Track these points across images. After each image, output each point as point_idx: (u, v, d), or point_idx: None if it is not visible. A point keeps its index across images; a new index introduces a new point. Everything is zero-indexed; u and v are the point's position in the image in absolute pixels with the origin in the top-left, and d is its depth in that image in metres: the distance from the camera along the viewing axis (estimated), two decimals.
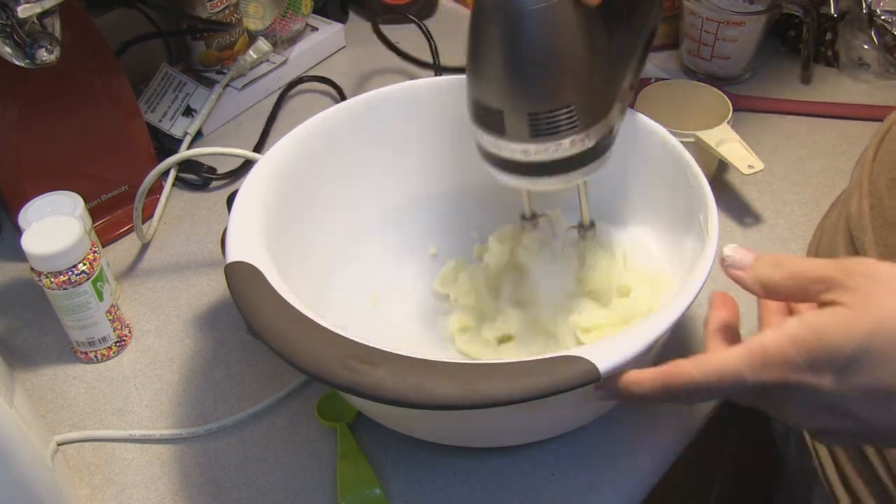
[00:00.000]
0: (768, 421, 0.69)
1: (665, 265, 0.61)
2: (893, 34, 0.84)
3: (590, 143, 0.50)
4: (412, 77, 0.90)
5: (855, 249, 0.53)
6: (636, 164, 0.61)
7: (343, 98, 0.88)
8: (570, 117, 0.48)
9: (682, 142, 0.57)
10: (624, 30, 0.52)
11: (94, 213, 0.71)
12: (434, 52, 0.90)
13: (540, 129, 0.48)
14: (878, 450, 0.51)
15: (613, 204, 0.64)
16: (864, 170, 0.54)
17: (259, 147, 0.84)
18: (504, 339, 0.62)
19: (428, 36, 0.90)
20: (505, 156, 0.51)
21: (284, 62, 0.91)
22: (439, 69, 0.89)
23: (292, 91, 0.90)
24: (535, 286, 0.63)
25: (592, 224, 0.60)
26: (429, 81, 0.64)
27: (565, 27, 0.47)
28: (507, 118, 0.49)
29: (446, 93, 0.63)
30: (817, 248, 0.61)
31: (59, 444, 0.59)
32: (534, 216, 0.62)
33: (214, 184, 0.80)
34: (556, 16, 0.46)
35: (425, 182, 0.67)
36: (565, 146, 0.49)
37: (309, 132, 0.60)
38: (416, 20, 0.92)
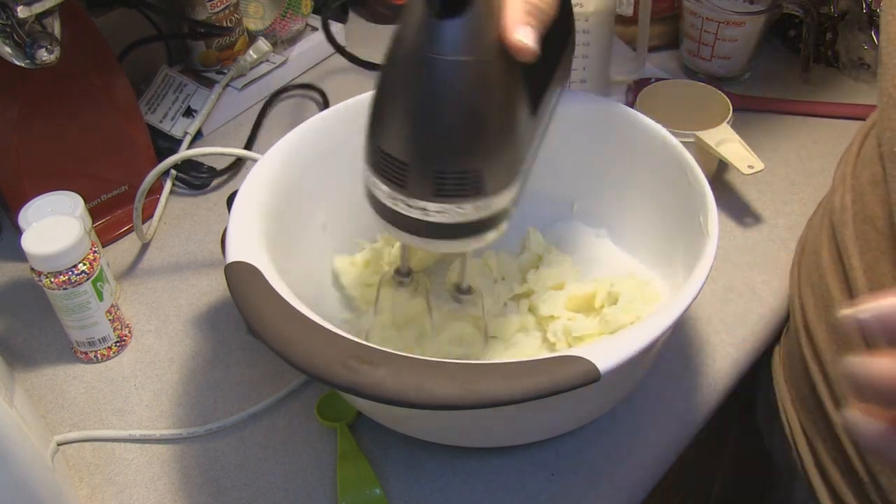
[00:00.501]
0: (756, 414, 0.69)
1: (659, 268, 0.61)
2: None
3: (493, 210, 0.46)
4: None
5: (836, 243, 0.53)
6: (636, 164, 0.61)
7: (326, 103, 0.88)
8: (477, 180, 0.44)
9: (682, 142, 0.57)
10: (544, 89, 0.49)
11: (94, 213, 0.71)
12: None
13: (445, 189, 0.44)
14: (856, 445, 0.51)
15: (613, 204, 0.64)
16: (847, 165, 0.55)
17: (248, 147, 0.83)
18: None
19: None
20: (400, 211, 0.45)
21: (284, 62, 0.91)
22: None
23: (285, 95, 0.90)
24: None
25: (470, 290, 0.56)
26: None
27: (488, 85, 0.43)
28: (410, 171, 0.44)
29: None
30: (804, 245, 0.62)
31: (59, 444, 0.59)
32: (409, 272, 0.57)
33: (214, 184, 0.80)
34: (480, 71, 0.42)
35: None
36: (468, 210, 0.45)
37: (309, 132, 0.60)
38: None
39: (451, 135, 0.43)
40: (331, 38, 0.90)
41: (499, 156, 0.44)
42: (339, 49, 0.91)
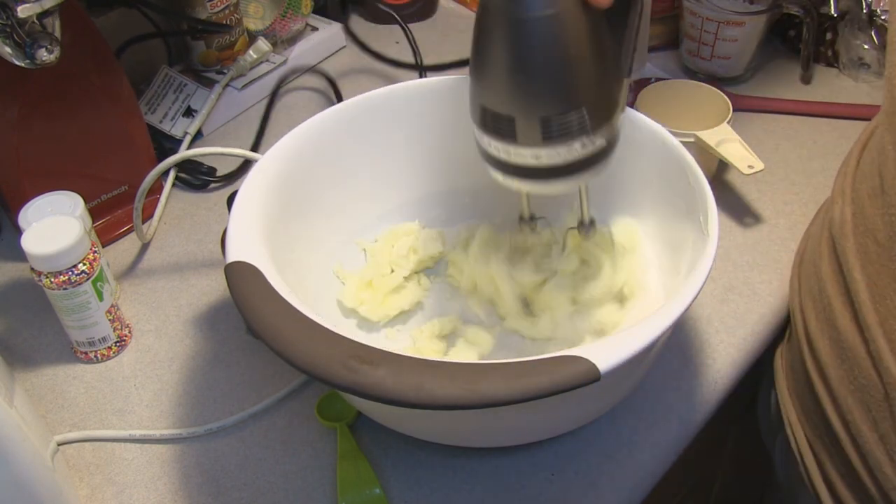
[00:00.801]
0: (756, 421, 0.69)
1: (659, 268, 0.61)
2: None
3: (599, 145, 0.50)
4: (412, 77, 0.90)
5: (837, 255, 0.53)
6: (636, 163, 0.60)
7: (339, 95, 0.88)
8: (580, 120, 0.48)
9: (682, 142, 0.57)
10: (623, 27, 0.52)
11: (94, 213, 0.71)
12: (416, 54, 0.91)
13: (552, 134, 0.48)
14: (862, 456, 0.51)
15: (612, 204, 0.64)
16: (846, 177, 0.54)
17: (255, 147, 0.84)
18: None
19: (410, 38, 0.92)
20: (515, 161, 0.50)
21: (284, 62, 0.91)
22: (422, 70, 0.90)
23: (288, 89, 0.90)
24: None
25: (593, 222, 0.60)
26: (427, 81, 0.64)
27: (574, 32, 0.47)
28: (518, 124, 0.48)
29: (445, 92, 0.62)
30: (803, 255, 0.61)
31: (59, 444, 0.59)
32: (532, 218, 0.62)
33: (214, 184, 0.80)
34: (564, 22, 0.46)
35: (425, 182, 0.67)
36: (576, 149, 0.49)
37: (309, 132, 0.60)
38: (401, 21, 0.92)
39: (548, 84, 0.48)
40: (351, 35, 0.90)
41: (593, 94, 0.49)
42: (364, 47, 0.91)
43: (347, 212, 0.64)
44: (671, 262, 0.59)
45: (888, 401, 0.48)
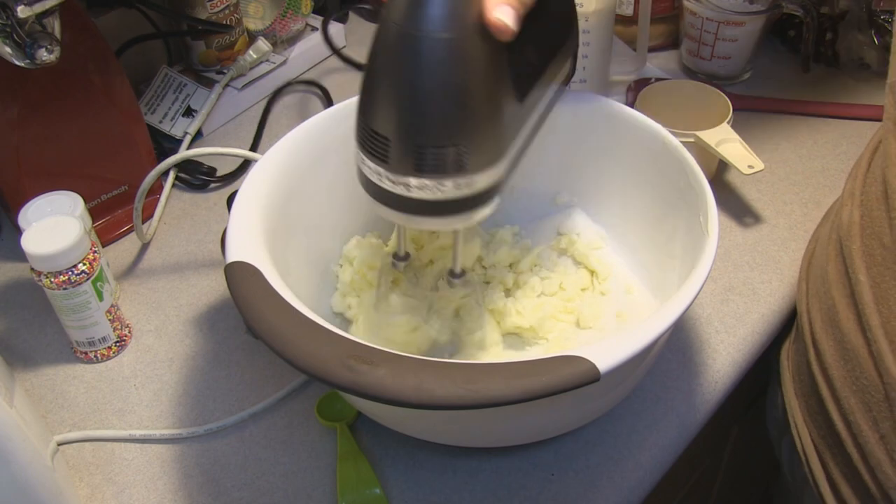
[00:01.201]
0: (765, 422, 0.69)
1: (659, 268, 0.61)
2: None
3: (474, 189, 0.46)
4: None
5: (843, 258, 0.53)
6: (636, 163, 0.61)
7: (330, 101, 0.88)
8: (458, 157, 0.45)
9: (682, 142, 0.57)
10: (534, 78, 0.50)
11: (94, 213, 0.71)
12: None
13: (425, 165, 0.45)
14: (863, 456, 0.51)
15: (613, 203, 0.64)
16: (856, 180, 0.55)
17: (254, 147, 0.84)
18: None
19: None
20: (385, 187, 0.47)
21: (284, 62, 0.91)
22: None
23: (288, 89, 0.90)
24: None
25: (463, 273, 0.56)
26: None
27: (472, 62, 0.43)
28: (392, 147, 0.45)
29: None
30: (811, 257, 0.62)
31: (59, 444, 0.59)
32: (406, 256, 0.57)
33: (214, 184, 0.80)
34: (463, 48, 0.43)
35: None
36: (448, 187, 0.46)
37: (309, 132, 0.60)
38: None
39: (430, 109, 0.44)
40: (328, 40, 0.90)
41: (478, 134, 0.45)
42: (335, 51, 0.91)
43: (348, 211, 0.64)
44: (671, 262, 0.59)
45: (888, 401, 0.48)
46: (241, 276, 0.48)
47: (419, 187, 0.46)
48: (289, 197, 0.57)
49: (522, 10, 0.44)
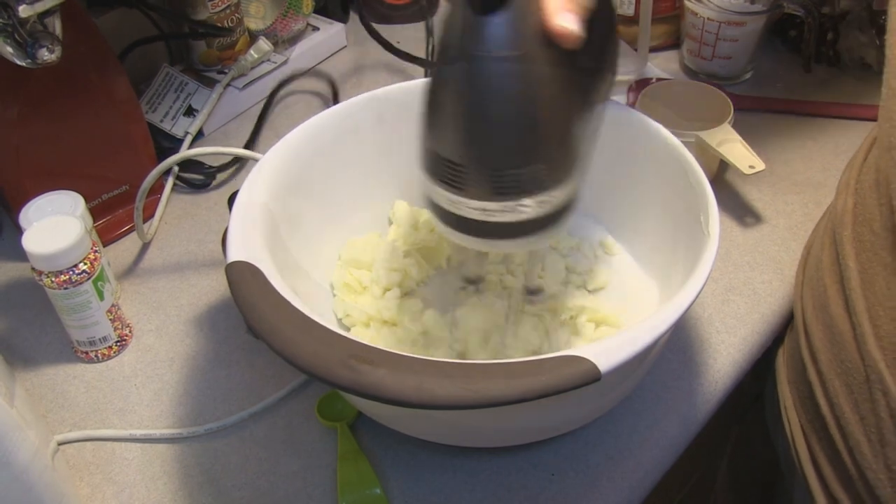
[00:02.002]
0: (764, 415, 0.69)
1: (660, 268, 0.61)
2: None
3: (554, 206, 0.46)
4: (413, 77, 0.90)
5: (835, 245, 0.54)
6: (637, 163, 0.61)
7: (335, 99, 0.88)
8: (535, 176, 0.44)
9: (683, 142, 0.57)
10: (589, 81, 0.48)
11: (95, 212, 0.71)
12: (430, 49, 0.90)
13: (504, 188, 0.43)
14: (844, 437, 0.52)
15: (612, 204, 0.64)
16: (853, 170, 0.55)
17: (249, 146, 0.83)
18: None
19: (429, 32, 0.90)
20: (462, 214, 0.45)
21: (285, 62, 0.91)
22: (430, 67, 0.89)
23: (289, 89, 0.90)
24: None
25: (541, 290, 0.55)
26: (426, 82, 0.63)
27: (542, 78, 0.42)
28: (468, 174, 0.43)
29: None
30: (809, 249, 0.62)
31: (59, 444, 0.59)
32: (478, 279, 0.57)
33: (215, 183, 0.80)
34: (530, 65, 0.42)
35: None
36: (528, 208, 0.44)
37: (309, 132, 0.60)
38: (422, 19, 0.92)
39: (505, 133, 0.43)
40: (377, 37, 0.89)
41: (555, 150, 0.44)
42: (390, 47, 0.90)
43: (347, 211, 0.64)
44: (672, 262, 0.59)
45: (868, 383, 0.49)
46: (242, 276, 0.48)
47: (499, 210, 0.44)
48: (289, 196, 0.57)
49: (584, 14, 0.43)
